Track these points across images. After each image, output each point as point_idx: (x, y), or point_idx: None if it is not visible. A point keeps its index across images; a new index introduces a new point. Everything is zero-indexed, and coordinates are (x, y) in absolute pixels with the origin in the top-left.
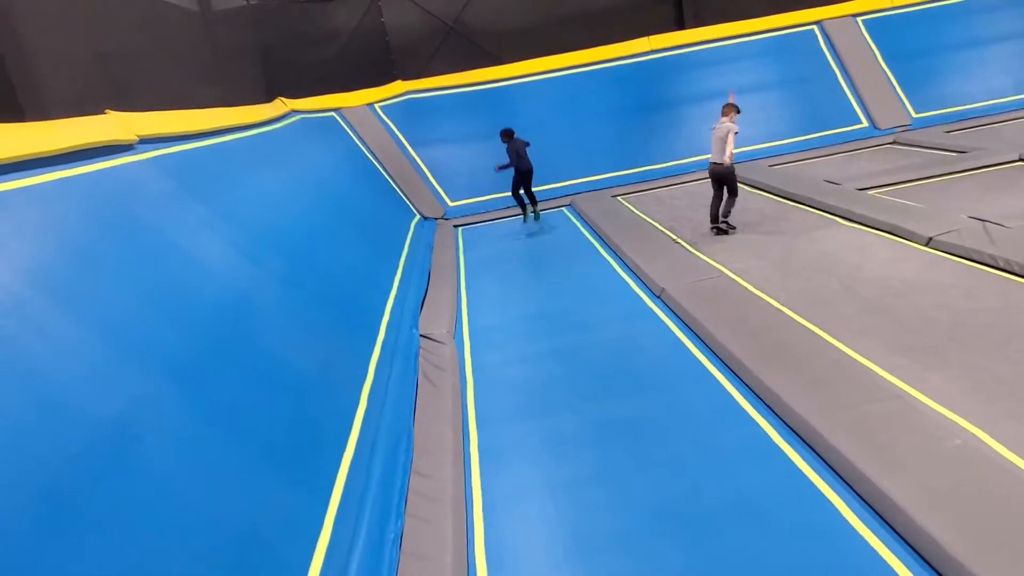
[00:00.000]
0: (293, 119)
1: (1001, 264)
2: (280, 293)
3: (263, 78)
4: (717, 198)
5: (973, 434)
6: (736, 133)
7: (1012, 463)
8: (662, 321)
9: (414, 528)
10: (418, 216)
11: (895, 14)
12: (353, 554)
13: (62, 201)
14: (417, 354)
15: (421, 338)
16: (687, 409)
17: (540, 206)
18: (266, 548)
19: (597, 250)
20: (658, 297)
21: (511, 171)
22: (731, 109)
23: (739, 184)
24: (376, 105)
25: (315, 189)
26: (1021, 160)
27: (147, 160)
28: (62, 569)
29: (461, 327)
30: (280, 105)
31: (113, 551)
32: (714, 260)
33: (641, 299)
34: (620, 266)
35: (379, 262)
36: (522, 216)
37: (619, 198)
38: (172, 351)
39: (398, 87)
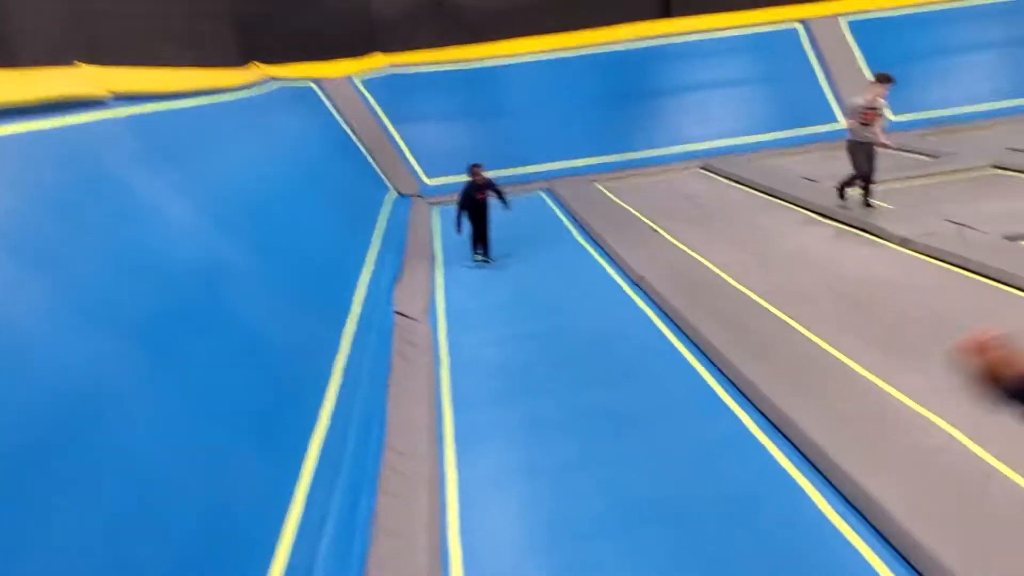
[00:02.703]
0: (269, 86)
1: (975, 268)
2: (253, 261)
3: (238, 42)
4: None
5: (950, 434)
6: (872, 108)
7: (987, 463)
8: (641, 309)
9: (388, 505)
10: (394, 193)
11: (879, 17)
12: (324, 530)
13: (33, 154)
14: (391, 331)
15: (395, 315)
16: (667, 398)
17: (518, 188)
18: (234, 522)
19: (574, 236)
20: (637, 285)
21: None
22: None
23: (723, 177)
24: (355, 78)
25: (290, 159)
26: (994, 167)
27: (120, 117)
28: (24, 538)
29: (436, 307)
30: (255, 71)
31: (75, 523)
32: (693, 251)
33: (620, 286)
34: (598, 253)
35: (354, 237)
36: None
37: (598, 185)
38: (141, 314)
39: (379, 60)
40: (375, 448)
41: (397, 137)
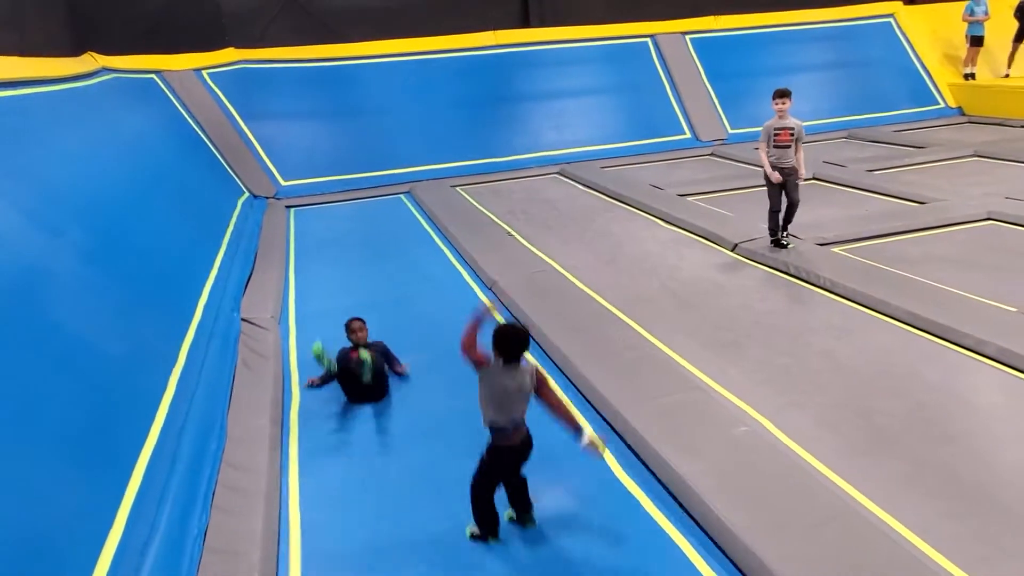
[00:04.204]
0: (105, 77)
1: (792, 271)
2: (80, 266)
3: (70, 28)
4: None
5: (759, 422)
6: (785, 128)
7: (788, 447)
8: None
9: (221, 523)
10: (247, 194)
11: (718, 36)
12: (148, 551)
13: None
14: (237, 339)
15: (243, 322)
16: None
17: (379, 191)
18: (45, 541)
19: (433, 239)
20: (490, 289)
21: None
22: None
23: (578, 183)
24: (204, 71)
25: (128, 156)
26: (815, 179)
27: None
28: None
29: (288, 313)
30: (90, 60)
31: None
32: (546, 255)
33: (474, 291)
34: (455, 256)
35: (199, 240)
36: None
37: (458, 188)
38: None
39: (230, 55)
40: (211, 463)
41: (250, 135)
